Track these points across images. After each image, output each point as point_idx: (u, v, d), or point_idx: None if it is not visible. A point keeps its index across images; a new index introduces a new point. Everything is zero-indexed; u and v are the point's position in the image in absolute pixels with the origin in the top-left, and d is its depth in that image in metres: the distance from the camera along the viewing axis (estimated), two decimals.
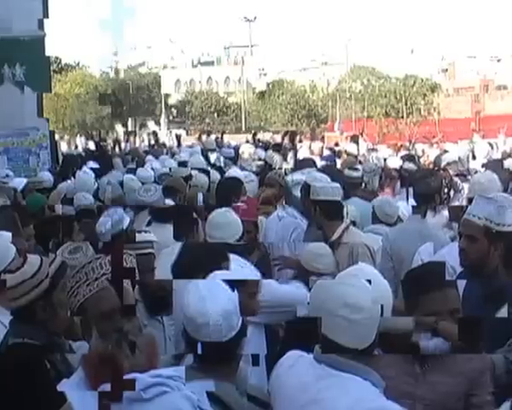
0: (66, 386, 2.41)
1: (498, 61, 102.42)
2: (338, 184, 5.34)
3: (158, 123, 64.54)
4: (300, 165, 8.88)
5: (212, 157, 12.59)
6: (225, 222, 4.45)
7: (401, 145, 22.34)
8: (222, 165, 11.49)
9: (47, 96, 35.20)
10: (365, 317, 2.50)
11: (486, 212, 3.69)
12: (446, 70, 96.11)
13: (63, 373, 2.86)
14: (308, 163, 8.97)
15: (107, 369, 2.35)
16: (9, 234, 4.01)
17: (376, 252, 5.17)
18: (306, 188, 5.45)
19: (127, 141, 46.62)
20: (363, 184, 8.27)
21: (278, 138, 24.27)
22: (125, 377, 2.16)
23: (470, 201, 3.98)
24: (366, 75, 74.51)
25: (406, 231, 5.26)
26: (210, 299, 2.84)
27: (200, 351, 2.87)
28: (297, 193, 6.32)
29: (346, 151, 13.10)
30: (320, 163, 10.07)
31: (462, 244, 3.82)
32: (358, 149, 13.21)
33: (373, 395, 2.46)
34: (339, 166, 10.33)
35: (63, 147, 27.24)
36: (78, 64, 73.02)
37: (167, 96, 69.74)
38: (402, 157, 10.69)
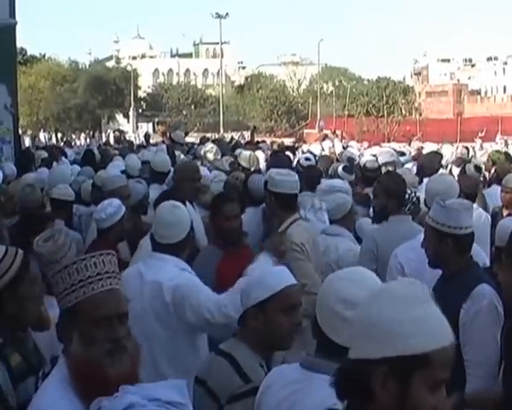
0: (50, 386, 2.30)
1: (472, 65, 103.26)
2: (296, 178, 5.32)
3: (126, 115, 63.59)
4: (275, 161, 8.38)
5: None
6: (173, 221, 4.11)
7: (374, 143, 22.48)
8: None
9: (21, 89, 34.33)
10: None
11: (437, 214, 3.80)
12: (419, 73, 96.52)
13: (35, 366, 2.84)
14: (283, 160, 8.60)
15: (95, 379, 2.19)
16: None
17: (311, 249, 5.03)
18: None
19: (93, 136, 45.92)
20: None
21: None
22: (118, 396, 1.83)
23: None
24: (338, 76, 74.53)
25: (393, 233, 5.04)
26: None
27: None
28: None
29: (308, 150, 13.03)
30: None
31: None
32: (323, 150, 13.17)
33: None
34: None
35: (27, 142, 26.77)
36: (44, 56, 71.40)
37: (137, 88, 68.52)
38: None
